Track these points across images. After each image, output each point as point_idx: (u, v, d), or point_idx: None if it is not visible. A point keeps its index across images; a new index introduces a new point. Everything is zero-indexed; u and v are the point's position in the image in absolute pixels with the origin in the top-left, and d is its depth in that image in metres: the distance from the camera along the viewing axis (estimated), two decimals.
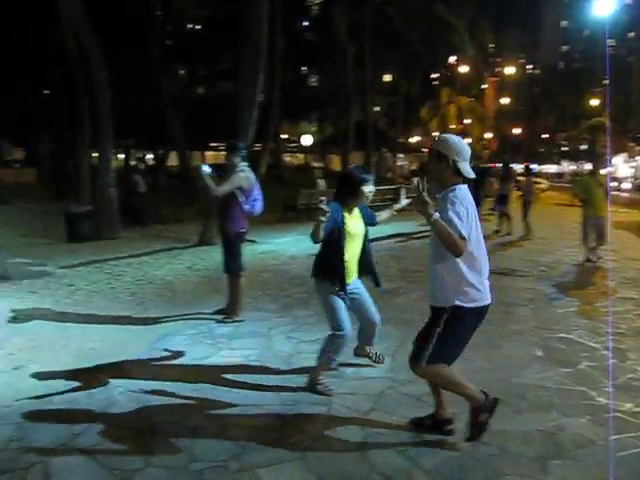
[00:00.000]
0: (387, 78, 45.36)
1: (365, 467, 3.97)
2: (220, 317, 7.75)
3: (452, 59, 44.09)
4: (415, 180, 4.28)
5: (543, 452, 4.18)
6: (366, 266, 5.50)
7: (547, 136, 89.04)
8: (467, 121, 50.33)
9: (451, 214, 3.89)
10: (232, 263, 7.68)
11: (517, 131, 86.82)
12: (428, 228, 4.07)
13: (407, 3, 30.13)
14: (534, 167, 24.93)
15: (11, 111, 32.16)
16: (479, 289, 4.09)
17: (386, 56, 33.37)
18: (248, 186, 7.57)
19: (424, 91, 40.80)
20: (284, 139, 50.80)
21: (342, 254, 5.13)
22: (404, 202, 5.71)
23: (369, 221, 5.46)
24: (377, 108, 50.23)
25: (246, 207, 7.57)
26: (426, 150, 49.54)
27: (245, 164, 7.65)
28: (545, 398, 5.14)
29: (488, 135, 69.41)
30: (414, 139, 55.64)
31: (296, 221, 19.23)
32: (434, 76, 44.47)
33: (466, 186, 4.15)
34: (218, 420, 4.67)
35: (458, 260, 3.98)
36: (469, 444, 4.23)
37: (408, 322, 7.29)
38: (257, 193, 7.73)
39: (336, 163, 41.72)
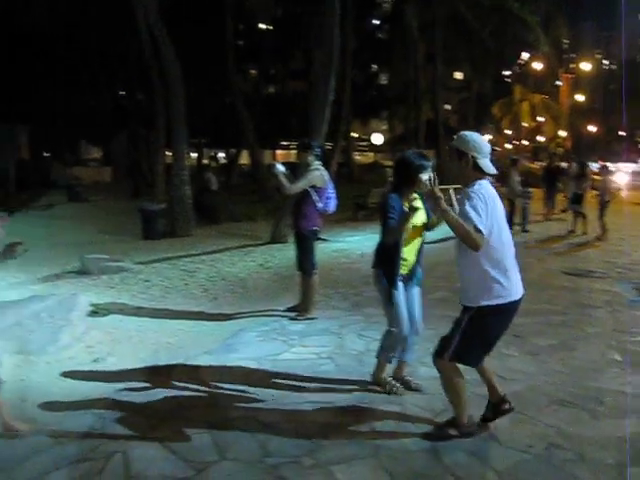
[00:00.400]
0: (458, 75, 44.90)
1: (437, 467, 3.97)
2: (293, 314, 7.83)
3: (525, 55, 43.28)
4: (425, 177, 4.35)
5: (621, 459, 4.08)
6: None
7: (624, 133, 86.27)
8: (540, 119, 49.34)
9: (467, 207, 3.90)
10: (305, 261, 7.74)
11: (592, 129, 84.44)
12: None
13: None
14: (610, 165, 24.24)
15: (89, 111, 33.22)
16: (504, 285, 4.04)
17: (457, 53, 33.01)
18: (322, 184, 7.61)
19: (496, 88, 40.16)
20: (355, 138, 50.82)
21: (399, 246, 4.88)
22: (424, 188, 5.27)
23: (429, 219, 5.08)
24: (448, 106, 49.80)
25: (320, 205, 7.61)
26: (498, 149, 48.86)
27: (319, 163, 7.70)
28: (623, 403, 5.00)
29: (562, 133, 67.76)
30: (486, 137, 55.07)
31: (367, 220, 19.18)
32: (507, 73, 43.75)
33: (487, 181, 4.11)
34: (291, 416, 4.73)
35: (479, 255, 3.96)
36: (544, 448, 4.17)
37: None
38: (331, 191, 7.76)
39: None
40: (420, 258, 5.15)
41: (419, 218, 4.93)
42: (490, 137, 51.40)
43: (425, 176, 4.59)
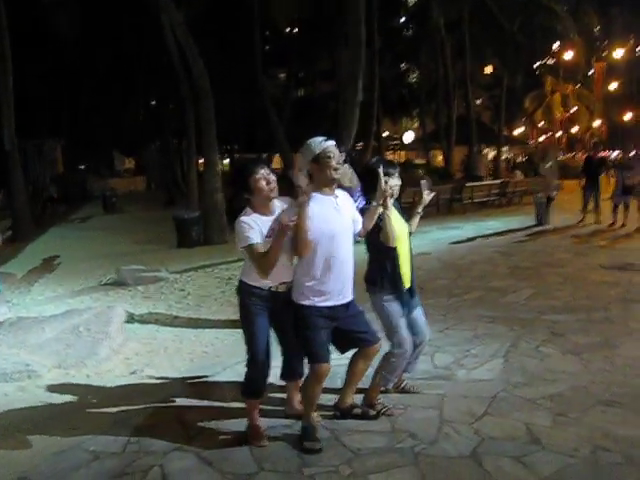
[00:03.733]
0: (489, 70, 44.39)
1: (479, 474, 3.86)
2: None
3: (555, 46, 42.62)
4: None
5: None
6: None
7: None
8: (573, 109, 48.49)
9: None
10: None
11: (628, 116, 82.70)
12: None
13: None
14: None
15: (122, 123, 33.62)
16: None
17: (486, 48, 32.64)
18: (349, 184, 7.49)
19: (527, 81, 39.63)
20: (386, 137, 50.53)
21: (394, 256, 4.69)
22: (427, 198, 5.01)
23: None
24: (479, 101, 49.29)
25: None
26: (532, 141, 48.28)
27: (346, 165, 7.60)
28: None
29: (597, 122, 66.60)
30: (519, 131, 54.20)
31: None
32: (537, 64, 43.15)
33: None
34: (330, 424, 4.66)
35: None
36: (591, 452, 4.04)
37: (520, 321, 7.12)
38: (359, 193, 7.66)
39: (439, 159, 41.17)
40: (413, 267, 4.92)
41: (402, 227, 4.80)
42: (523, 129, 50.85)
43: (392, 182, 4.69)
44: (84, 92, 30.44)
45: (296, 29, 35.55)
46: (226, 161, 43.55)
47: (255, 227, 4.18)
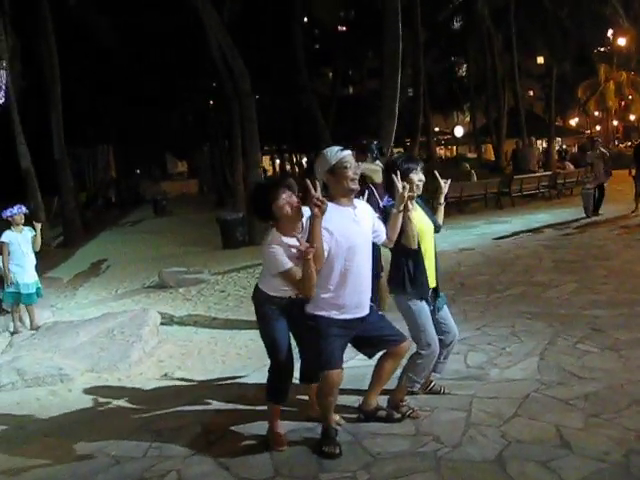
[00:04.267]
0: (540, 60, 43.48)
1: (502, 479, 3.70)
2: None
3: (609, 33, 41.45)
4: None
5: None
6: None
7: None
8: (629, 97, 47.05)
9: None
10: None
11: None
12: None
13: None
14: None
15: (174, 127, 34.06)
16: None
17: (534, 37, 31.94)
18: (381, 180, 7.37)
19: (579, 70, 38.69)
20: (437, 132, 50.07)
21: (418, 256, 4.57)
22: (445, 186, 5.05)
23: (435, 224, 4.89)
24: (531, 92, 48.39)
25: (382, 204, 7.38)
26: (586, 132, 47.13)
27: (378, 162, 7.47)
28: None
29: None
30: (572, 121, 53.06)
31: (447, 215, 18.78)
32: (589, 53, 42.05)
33: None
34: (352, 427, 4.54)
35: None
36: (623, 456, 3.83)
37: (560, 317, 6.87)
38: None
39: (491, 153, 40.55)
40: (438, 266, 4.79)
41: (424, 222, 4.69)
42: (576, 120, 49.74)
43: (416, 177, 4.60)
44: (132, 96, 30.86)
45: (344, 27, 35.55)
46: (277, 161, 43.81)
47: (286, 252, 4.03)
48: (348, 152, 4.14)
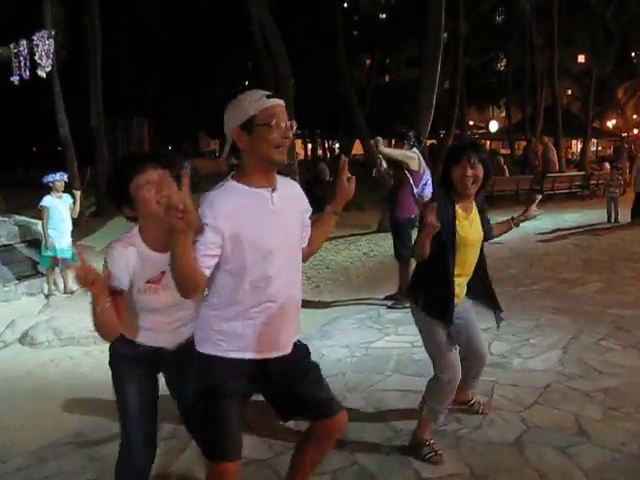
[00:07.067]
0: (581, 59, 42.91)
1: (519, 461, 3.81)
2: (390, 302, 7.77)
3: None
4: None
5: None
6: (482, 287, 4.03)
7: None
8: None
9: None
10: (402, 249, 7.65)
11: None
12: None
13: None
14: None
15: (207, 104, 34.25)
16: None
17: (576, 35, 31.51)
18: (417, 168, 7.49)
19: (620, 70, 38.10)
20: (472, 125, 49.67)
21: (450, 270, 3.70)
22: (533, 213, 4.20)
23: (487, 231, 3.96)
24: (569, 92, 47.76)
25: (416, 191, 7.49)
26: (623, 134, 46.47)
27: (415, 150, 7.58)
28: None
29: None
30: (610, 123, 52.37)
31: None
32: (632, 54, 41.36)
33: None
34: (375, 403, 4.70)
35: None
36: (638, 447, 3.93)
37: (585, 314, 6.95)
38: (427, 177, 7.63)
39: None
40: (482, 279, 4.00)
41: (475, 232, 3.80)
42: (614, 121, 49.07)
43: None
44: (170, 71, 31.11)
45: (384, 14, 35.38)
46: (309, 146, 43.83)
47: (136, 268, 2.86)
48: (278, 101, 2.58)
